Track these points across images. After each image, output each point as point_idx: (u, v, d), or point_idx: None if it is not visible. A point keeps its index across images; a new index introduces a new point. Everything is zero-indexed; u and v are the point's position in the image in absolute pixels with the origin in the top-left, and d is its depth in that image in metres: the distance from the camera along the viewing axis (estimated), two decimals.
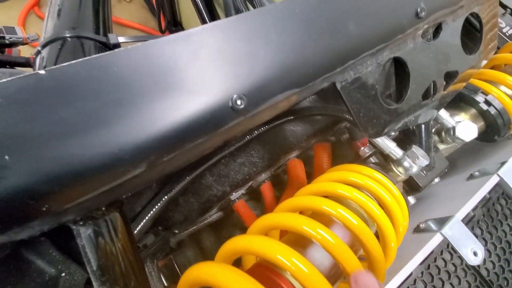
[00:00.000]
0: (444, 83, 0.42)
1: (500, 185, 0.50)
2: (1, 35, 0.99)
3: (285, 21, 0.26)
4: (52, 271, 0.31)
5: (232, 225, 0.73)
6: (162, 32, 1.47)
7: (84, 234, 0.24)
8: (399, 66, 0.39)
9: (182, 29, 1.55)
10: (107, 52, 0.21)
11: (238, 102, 0.24)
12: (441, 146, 0.54)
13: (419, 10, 0.34)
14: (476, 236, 0.47)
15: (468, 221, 0.47)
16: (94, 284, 0.25)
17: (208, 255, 0.70)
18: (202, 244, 0.73)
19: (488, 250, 0.49)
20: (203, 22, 1.11)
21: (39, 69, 0.31)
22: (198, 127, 0.23)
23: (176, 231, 0.57)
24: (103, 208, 0.24)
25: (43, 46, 0.30)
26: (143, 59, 0.22)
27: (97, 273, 0.25)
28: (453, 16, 0.41)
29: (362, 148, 0.58)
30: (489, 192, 0.50)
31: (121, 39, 0.33)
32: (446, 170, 0.53)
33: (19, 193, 0.18)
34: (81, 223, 0.24)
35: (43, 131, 0.19)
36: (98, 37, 0.31)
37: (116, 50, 0.22)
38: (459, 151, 0.62)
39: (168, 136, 0.22)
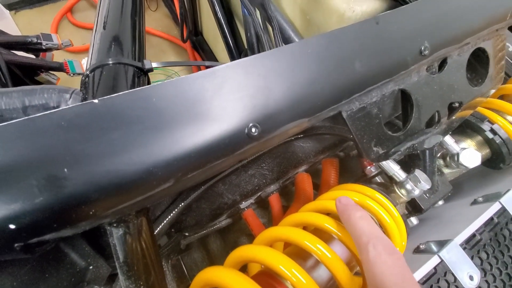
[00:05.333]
0: (448, 113, 0.45)
1: (507, 211, 0.51)
2: (39, 41, 1.08)
3: (298, 60, 0.30)
4: (82, 263, 0.36)
5: (238, 231, 0.76)
6: (184, 40, 1.55)
7: (116, 234, 0.28)
8: (404, 97, 0.42)
9: (203, 38, 1.62)
10: (148, 86, 0.26)
11: (253, 130, 0.28)
12: (446, 170, 0.56)
13: (423, 48, 0.37)
14: (481, 260, 0.47)
15: (473, 244, 0.48)
16: (121, 277, 0.30)
17: (214, 258, 0.73)
18: (209, 247, 0.76)
19: (493, 275, 0.49)
20: (223, 34, 1.17)
21: (88, 91, 0.36)
22: (218, 150, 0.27)
23: (187, 234, 0.61)
24: (134, 213, 0.29)
25: (91, 71, 0.35)
26: (177, 91, 0.26)
27: (124, 268, 0.29)
28: (458, 51, 0.43)
29: (368, 167, 0.61)
30: (498, 217, 0.50)
31: (154, 65, 0.38)
32: (450, 194, 0.54)
33: (74, 199, 0.22)
34: (114, 225, 0.28)
35: (95, 150, 0.23)
36: (135, 63, 0.36)
37: (155, 84, 0.26)
38: (465, 174, 0.63)
39: (193, 157, 0.26)
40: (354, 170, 0.77)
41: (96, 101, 0.24)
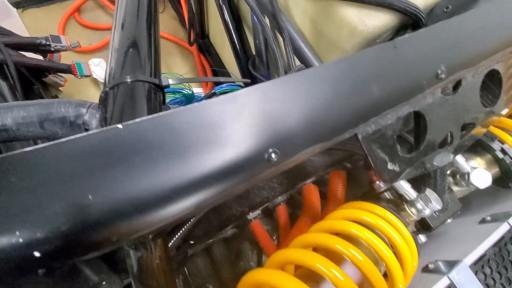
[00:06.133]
0: (461, 133, 0.45)
1: None
2: (48, 42, 1.08)
3: (317, 85, 0.30)
4: (95, 279, 0.36)
5: (242, 238, 0.76)
6: (191, 43, 1.55)
7: (134, 256, 0.29)
8: (418, 118, 0.42)
9: (209, 41, 1.62)
10: (170, 111, 0.26)
11: (273, 155, 0.28)
12: (455, 188, 0.56)
13: (439, 72, 0.37)
14: (485, 275, 0.47)
15: (478, 259, 0.48)
16: None
17: (217, 265, 0.74)
18: (212, 253, 0.76)
19: None
20: (230, 38, 1.17)
21: (107, 109, 0.36)
22: (238, 176, 0.27)
23: (192, 242, 0.61)
24: (152, 236, 0.29)
25: (110, 89, 0.35)
26: (198, 117, 0.26)
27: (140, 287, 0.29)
28: (473, 73, 0.43)
29: (377, 182, 0.60)
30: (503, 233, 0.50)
31: (170, 81, 0.38)
32: (459, 212, 0.54)
33: (99, 226, 0.23)
34: (133, 247, 0.28)
35: (119, 176, 0.24)
36: (152, 80, 0.36)
37: (176, 109, 0.26)
38: (474, 191, 0.63)
39: (214, 183, 0.26)
40: (361, 180, 0.77)
41: (120, 126, 0.24)
